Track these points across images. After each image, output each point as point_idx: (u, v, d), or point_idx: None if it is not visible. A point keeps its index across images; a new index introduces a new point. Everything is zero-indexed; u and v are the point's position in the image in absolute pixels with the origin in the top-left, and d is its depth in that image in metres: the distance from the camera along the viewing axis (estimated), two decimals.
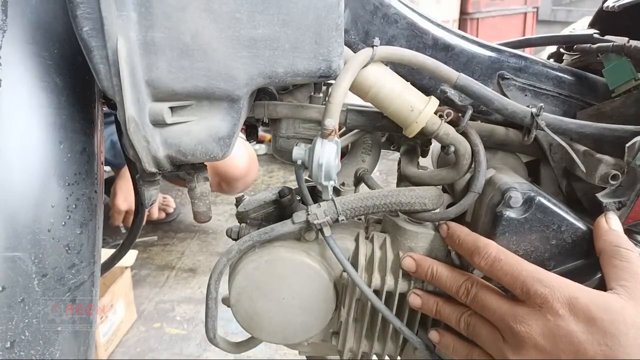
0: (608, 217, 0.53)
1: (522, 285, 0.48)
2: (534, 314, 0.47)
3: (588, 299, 0.45)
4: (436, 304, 0.57)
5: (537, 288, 0.47)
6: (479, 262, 0.52)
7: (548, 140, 0.60)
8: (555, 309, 0.46)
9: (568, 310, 0.45)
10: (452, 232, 0.57)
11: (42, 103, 0.46)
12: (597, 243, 0.52)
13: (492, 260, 0.51)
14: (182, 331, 1.75)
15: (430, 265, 0.57)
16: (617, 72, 0.60)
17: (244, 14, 0.43)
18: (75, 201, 0.48)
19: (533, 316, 0.47)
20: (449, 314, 0.56)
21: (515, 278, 0.49)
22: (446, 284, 0.55)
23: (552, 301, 0.46)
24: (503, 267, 0.50)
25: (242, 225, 0.67)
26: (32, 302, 0.45)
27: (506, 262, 0.50)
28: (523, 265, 0.50)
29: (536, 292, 0.47)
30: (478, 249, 0.52)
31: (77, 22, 0.42)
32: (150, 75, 0.44)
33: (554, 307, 0.46)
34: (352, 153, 0.69)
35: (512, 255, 0.51)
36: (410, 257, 0.58)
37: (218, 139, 0.49)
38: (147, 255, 2.19)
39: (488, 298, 0.51)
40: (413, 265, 0.57)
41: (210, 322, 0.62)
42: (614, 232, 0.51)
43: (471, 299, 0.53)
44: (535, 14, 4.44)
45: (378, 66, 0.55)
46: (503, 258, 0.51)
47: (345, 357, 0.66)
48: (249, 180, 2.10)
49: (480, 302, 0.52)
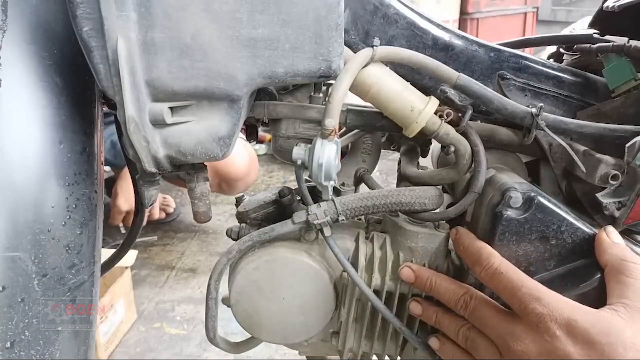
0: (608, 231, 0.53)
1: (520, 302, 0.48)
2: (531, 333, 0.47)
3: (587, 322, 0.45)
4: (436, 314, 0.57)
5: (534, 306, 0.47)
6: (479, 272, 0.52)
7: (548, 140, 0.60)
8: (552, 330, 0.45)
9: (566, 331, 0.45)
10: (459, 237, 0.57)
11: (42, 103, 0.46)
12: (602, 257, 0.52)
13: (492, 273, 0.51)
14: (182, 331, 1.75)
15: (429, 277, 0.56)
16: (617, 72, 0.60)
17: (244, 14, 0.43)
18: (75, 201, 0.48)
19: (530, 335, 0.47)
20: (447, 325, 0.56)
21: (513, 294, 0.49)
22: (445, 296, 0.55)
23: (549, 321, 0.46)
24: (503, 281, 0.50)
25: (242, 225, 0.67)
26: (32, 302, 0.45)
27: (506, 276, 0.50)
28: (523, 280, 0.49)
29: (533, 310, 0.47)
30: (480, 260, 0.52)
31: (77, 22, 0.42)
32: (150, 75, 0.44)
33: (551, 328, 0.45)
34: (352, 153, 0.69)
35: (514, 269, 0.51)
36: (409, 268, 0.58)
37: (218, 139, 0.49)
38: (147, 255, 2.19)
39: (487, 313, 0.51)
40: (412, 276, 0.57)
41: (210, 322, 0.62)
42: (618, 246, 0.51)
43: (469, 312, 0.53)
44: (535, 14, 4.44)
45: (378, 66, 0.55)
46: (504, 271, 0.50)
47: (345, 357, 0.66)
48: (249, 181, 2.10)
49: (478, 317, 0.52)
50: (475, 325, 0.53)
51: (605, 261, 0.51)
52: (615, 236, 0.52)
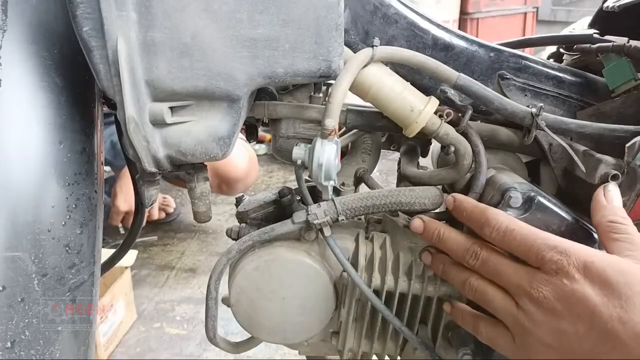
0: (607, 190, 0.53)
1: (537, 253, 0.47)
2: (550, 279, 0.46)
3: (604, 262, 0.45)
4: (443, 264, 0.56)
5: (552, 255, 0.46)
6: (489, 233, 0.51)
7: (548, 140, 0.60)
8: (571, 273, 0.45)
9: (584, 274, 0.45)
10: (459, 203, 0.55)
11: (42, 103, 0.46)
12: (594, 218, 0.52)
13: (503, 231, 0.50)
14: (182, 331, 1.75)
15: (437, 228, 0.55)
16: (617, 72, 0.60)
17: (244, 14, 0.43)
18: (75, 201, 0.48)
19: (549, 281, 0.46)
20: (454, 275, 0.55)
21: (529, 247, 0.48)
22: (452, 247, 0.54)
23: (567, 266, 0.45)
24: (516, 237, 0.49)
25: (242, 225, 0.67)
26: (32, 302, 0.45)
27: (518, 232, 0.49)
28: (537, 233, 0.49)
29: (551, 258, 0.46)
30: (488, 220, 0.51)
31: (77, 22, 0.42)
32: (150, 75, 0.44)
33: (570, 272, 0.45)
34: (352, 153, 0.69)
35: (524, 224, 0.50)
36: (420, 219, 0.57)
37: (218, 139, 0.49)
38: (147, 255, 2.19)
39: (501, 263, 0.50)
40: (421, 227, 0.56)
41: (210, 322, 0.62)
42: (610, 208, 0.51)
43: (480, 263, 0.52)
44: (535, 14, 4.44)
45: (378, 66, 0.55)
46: (515, 227, 0.50)
47: (345, 357, 0.66)
48: (249, 181, 2.10)
49: (492, 268, 0.51)
50: (487, 276, 0.52)
51: (596, 223, 0.51)
52: (612, 195, 0.52)
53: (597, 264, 0.45)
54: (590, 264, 0.45)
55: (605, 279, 0.44)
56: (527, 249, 0.48)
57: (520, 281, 0.48)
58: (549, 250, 0.47)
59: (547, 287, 0.46)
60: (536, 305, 0.47)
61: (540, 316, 0.47)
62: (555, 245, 0.47)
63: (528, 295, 0.47)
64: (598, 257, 0.46)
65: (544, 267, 0.47)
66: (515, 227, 0.50)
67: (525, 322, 0.48)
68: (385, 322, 0.61)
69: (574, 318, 0.45)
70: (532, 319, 0.47)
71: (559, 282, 0.46)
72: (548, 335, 0.47)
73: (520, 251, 0.49)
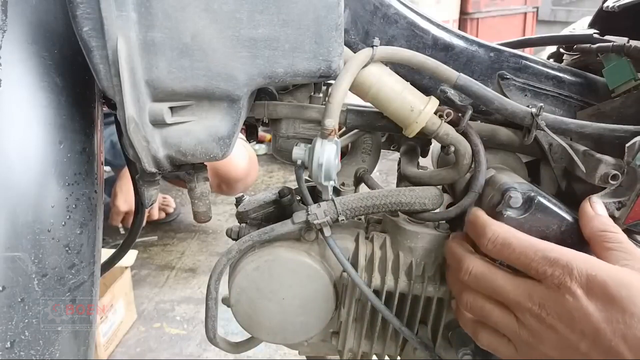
0: (592, 201, 0.52)
1: (538, 268, 0.46)
2: (552, 295, 0.45)
3: (605, 275, 0.44)
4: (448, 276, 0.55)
5: (554, 269, 0.45)
6: (486, 245, 0.50)
7: (548, 140, 0.60)
8: (573, 289, 0.44)
9: (586, 289, 0.44)
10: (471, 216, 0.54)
11: (42, 103, 0.46)
12: (584, 231, 0.51)
13: (500, 244, 0.49)
14: (182, 331, 1.75)
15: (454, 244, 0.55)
16: (617, 72, 0.60)
17: (244, 14, 0.43)
18: (75, 201, 0.48)
19: (551, 297, 0.45)
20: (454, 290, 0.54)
21: (529, 261, 0.47)
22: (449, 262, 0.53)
23: (570, 282, 0.44)
24: (515, 250, 0.48)
25: (242, 225, 0.67)
26: (32, 302, 0.45)
27: (518, 245, 0.48)
28: (536, 245, 0.48)
29: (553, 273, 0.45)
30: (484, 232, 0.51)
31: (77, 22, 0.42)
32: (150, 75, 0.44)
33: (572, 288, 0.44)
34: (352, 153, 0.69)
35: (522, 235, 0.49)
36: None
37: (218, 139, 0.49)
38: (147, 255, 2.19)
39: (497, 278, 0.49)
40: None
41: (210, 322, 0.62)
42: (599, 218, 0.51)
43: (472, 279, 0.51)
44: (535, 14, 4.44)
45: (378, 66, 0.55)
46: (514, 241, 0.49)
47: (345, 357, 0.66)
48: (249, 181, 2.10)
49: (487, 283, 0.50)
50: (483, 292, 0.51)
51: (588, 235, 0.51)
52: (598, 207, 0.52)
53: (599, 278, 0.44)
54: (592, 278, 0.44)
55: (607, 294, 0.43)
56: (527, 262, 0.47)
57: (520, 297, 0.47)
58: (550, 265, 0.46)
59: (549, 302, 0.46)
60: (538, 321, 0.46)
61: (542, 332, 0.46)
62: (557, 258, 0.46)
63: (529, 311, 0.47)
64: (601, 270, 0.45)
65: (545, 282, 0.46)
66: (514, 239, 0.49)
67: (528, 337, 0.47)
68: (385, 322, 0.61)
69: (578, 335, 0.44)
70: (534, 334, 0.47)
71: (562, 298, 0.45)
72: (551, 350, 0.46)
73: (519, 263, 0.48)
